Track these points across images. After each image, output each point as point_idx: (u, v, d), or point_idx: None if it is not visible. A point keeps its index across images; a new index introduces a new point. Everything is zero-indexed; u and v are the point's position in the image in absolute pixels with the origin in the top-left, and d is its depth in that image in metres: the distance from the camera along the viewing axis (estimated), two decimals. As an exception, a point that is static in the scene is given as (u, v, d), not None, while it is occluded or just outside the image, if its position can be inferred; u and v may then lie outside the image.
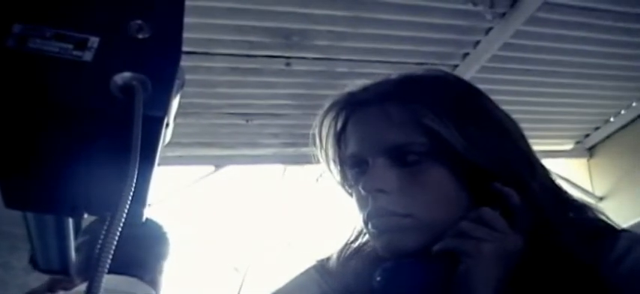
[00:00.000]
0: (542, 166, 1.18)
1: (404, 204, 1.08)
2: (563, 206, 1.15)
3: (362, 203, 1.14)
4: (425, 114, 1.10)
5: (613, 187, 4.73)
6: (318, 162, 1.30)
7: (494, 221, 1.04)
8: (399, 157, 1.11)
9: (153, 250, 2.02)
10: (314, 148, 1.30)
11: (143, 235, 1.99)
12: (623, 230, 1.13)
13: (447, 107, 1.12)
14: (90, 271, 0.59)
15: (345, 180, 1.25)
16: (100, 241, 0.60)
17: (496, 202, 1.06)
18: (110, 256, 0.60)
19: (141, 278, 1.94)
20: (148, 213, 0.72)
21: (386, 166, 1.11)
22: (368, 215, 1.12)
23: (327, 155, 1.28)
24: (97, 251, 0.60)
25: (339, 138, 1.25)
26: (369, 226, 1.12)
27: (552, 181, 1.18)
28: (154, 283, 2.02)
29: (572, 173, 6.60)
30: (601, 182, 4.84)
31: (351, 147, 1.18)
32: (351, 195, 1.23)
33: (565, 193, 1.19)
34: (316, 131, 1.30)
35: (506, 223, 1.05)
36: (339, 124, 1.25)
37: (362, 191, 1.12)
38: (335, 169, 1.27)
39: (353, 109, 1.23)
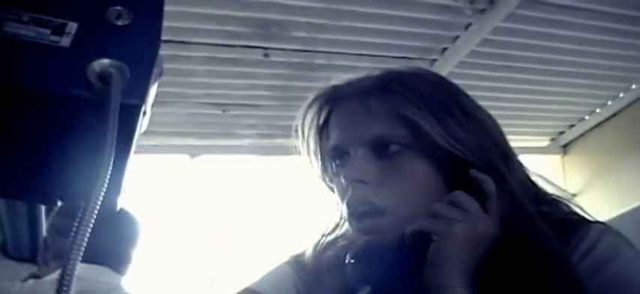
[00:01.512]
0: (519, 162, 1.22)
1: (383, 194, 1.11)
2: (537, 199, 1.18)
3: (342, 193, 1.16)
4: (405, 107, 1.13)
5: (586, 184, 4.76)
6: (294, 154, 1.31)
7: (467, 203, 1.07)
8: (379, 148, 1.14)
9: (123, 239, 2.01)
10: (295, 140, 1.30)
11: (114, 223, 1.97)
12: (596, 222, 1.16)
13: (427, 101, 1.15)
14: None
15: (325, 172, 1.27)
16: (72, 230, 0.59)
17: (472, 190, 1.09)
18: (83, 245, 0.59)
19: (110, 266, 1.93)
20: (122, 202, 0.71)
21: (366, 157, 1.14)
22: (347, 205, 1.14)
23: (308, 147, 1.29)
24: (70, 240, 0.59)
25: (322, 131, 1.26)
26: (349, 216, 1.14)
27: (527, 177, 1.22)
28: (123, 271, 2.01)
29: (546, 170, 6.63)
30: (574, 179, 4.86)
31: (333, 139, 1.20)
32: (331, 188, 1.25)
33: (539, 188, 1.23)
34: (299, 123, 1.30)
35: (480, 208, 1.07)
36: (322, 118, 1.27)
37: (343, 181, 1.15)
38: (316, 162, 1.28)
39: (336, 102, 1.24)
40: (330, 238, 1.28)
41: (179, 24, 3.22)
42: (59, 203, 0.73)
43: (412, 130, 1.13)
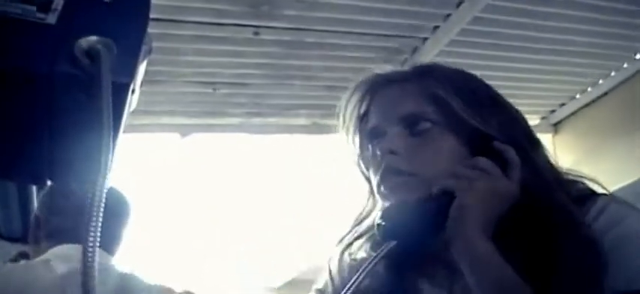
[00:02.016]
0: (541, 143, 1.33)
1: (411, 163, 1.23)
2: (556, 175, 1.29)
3: (377, 167, 1.27)
4: (437, 88, 1.27)
5: (576, 163, 4.75)
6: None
7: (487, 166, 1.18)
8: (411, 125, 1.26)
9: (113, 218, 2.00)
10: (337, 125, 1.42)
11: (104, 203, 1.97)
12: (603, 194, 1.26)
13: (456, 85, 1.29)
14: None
15: (361, 156, 1.38)
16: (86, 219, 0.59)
17: (496, 160, 1.20)
18: (98, 229, 0.59)
19: (100, 246, 1.93)
20: (111, 181, 0.71)
21: (399, 133, 1.26)
22: (380, 176, 1.25)
23: (347, 132, 1.40)
24: (84, 229, 0.59)
25: (363, 118, 1.37)
26: (381, 187, 1.26)
27: (547, 156, 1.32)
28: (113, 251, 2.01)
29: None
30: (565, 158, 4.85)
31: (372, 121, 1.33)
32: (365, 174, 1.36)
33: (558, 167, 1.33)
34: (341, 110, 1.41)
35: (501, 172, 1.18)
36: (364, 106, 1.37)
37: (378, 154, 1.26)
38: (353, 146, 1.39)
39: (376, 89, 1.35)
40: (350, 239, 1.35)
41: (168, 2, 3.20)
42: (49, 183, 0.72)
43: (442, 109, 1.25)
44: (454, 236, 1.12)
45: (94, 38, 0.61)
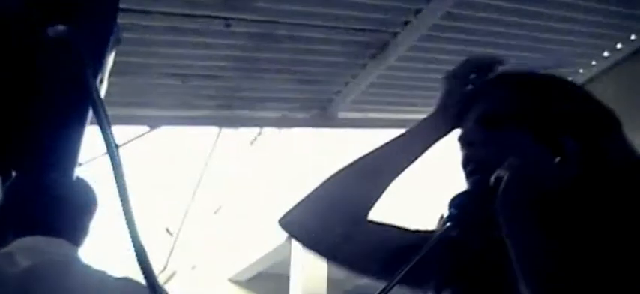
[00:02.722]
0: (614, 126, 1.40)
1: (485, 154, 1.36)
2: (630, 155, 1.37)
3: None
4: (510, 87, 1.43)
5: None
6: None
7: (537, 155, 1.29)
8: (491, 122, 1.39)
9: (80, 210, 1.98)
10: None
11: (70, 194, 1.94)
12: None
13: (525, 82, 1.45)
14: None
15: None
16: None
17: (560, 153, 1.30)
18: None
19: (67, 238, 1.90)
20: (78, 172, 0.69)
21: (477, 128, 1.40)
22: (461, 165, 1.41)
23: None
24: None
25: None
26: (463, 173, 1.40)
27: (622, 137, 1.40)
28: (79, 243, 1.99)
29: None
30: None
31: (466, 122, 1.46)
32: None
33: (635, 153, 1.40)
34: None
35: (554, 159, 1.27)
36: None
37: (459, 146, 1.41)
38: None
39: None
40: None
41: (139, -8, 3.17)
42: (14, 174, 0.71)
43: (513, 106, 1.39)
44: (502, 221, 1.20)
45: (61, 28, 0.59)
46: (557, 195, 1.21)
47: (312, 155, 8.54)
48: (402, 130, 1.60)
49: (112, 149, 0.60)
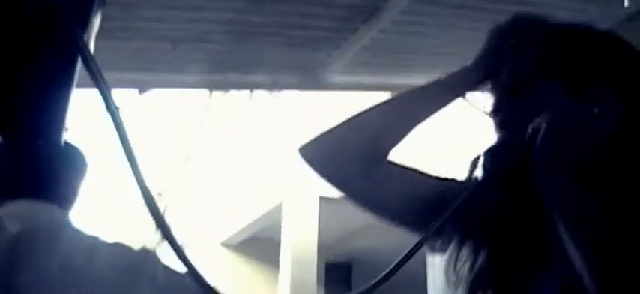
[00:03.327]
0: None
1: (520, 106, 1.33)
2: None
3: None
4: (543, 41, 1.39)
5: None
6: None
7: (573, 109, 1.24)
8: (527, 74, 1.36)
9: (69, 174, 1.97)
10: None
11: (59, 158, 1.92)
12: None
13: (560, 37, 1.39)
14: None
15: None
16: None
17: (593, 102, 1.25)
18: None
19: (56, 202, 1.89)
20: (66, 136, 0.68)
21: (515, 79, 1.37)
22: (493, 117, 1.39)
23: None
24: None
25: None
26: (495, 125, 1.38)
27: None
28: (69, 207, 1.97)
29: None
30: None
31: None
32: None
33: None
34: None
35: (590, 113, 1.23)
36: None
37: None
38: None
39: None
40: None
41: (127, -46, 3.13)
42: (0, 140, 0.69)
43: (547, 59, 1.35)
44: (539, 174, 1.17)
45: (46, -12, 0.58)
46: (596, 149, 1.18)
47: (303, 120, 8.53)
48: (407, 88, 1.58)
49: (111, 108, 0.59)
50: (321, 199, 8.55)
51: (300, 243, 8.67)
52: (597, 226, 1.09)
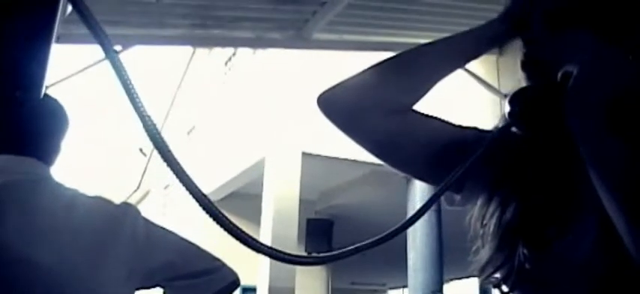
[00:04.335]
0: None
1: (550, 52, 1.27)
2: None
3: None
4: None
5: (519, 86, 4.78)
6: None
7: (608, 51, 1.19)
8: (557, 18, 1.28)
9: (50, 128, 1.95)
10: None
11: (40, 112, 1.91)
12: None
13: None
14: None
15: None
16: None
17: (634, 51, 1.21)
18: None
19: (37, 157, 1.88)
20: (48, 90, 0.67)
21: (543, 25, 1.31)
22: (521, 65, 1.31)
23: None
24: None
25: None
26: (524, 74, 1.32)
27: None
28: (51, 161, 1.96)
29: (479, 69, 6.67)
30: (508, 81, 4.90)
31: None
32: None
33: None
34: None
35: (624, 57, 1.18)
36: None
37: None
38: None
39: None
40: None
41: None
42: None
43: (578, 3, 1.29)
44: (571, 120, 1.13)
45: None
46: (630, 95, 1.15)
47: (285, 77, 8.50)
48: (432, 39, 1.53)
49: (109, 50, 0.58)
50: (304, 154, 8.55)
51: (282, 198, 8.68)
52: (629, 169, 1.07)
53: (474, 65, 4.99)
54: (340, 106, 1.40)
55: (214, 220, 0.77)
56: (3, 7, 0.58)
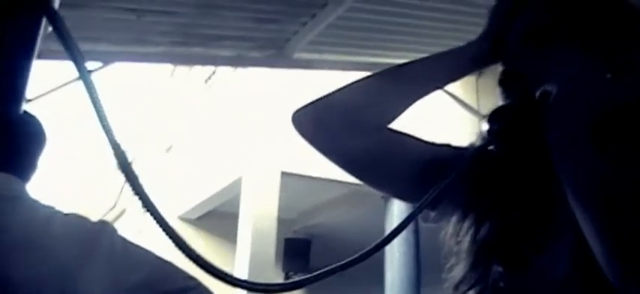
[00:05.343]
0: None
1: (530, 69, 1.27)
2: None
3: None
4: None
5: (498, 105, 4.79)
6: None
7: (587, 69, 1.18)
8: (537, 34, 1.28)
9: (27, 144, 1.94)
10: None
11: (17, 128, 1.89)
12: None
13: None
14: None
15: None
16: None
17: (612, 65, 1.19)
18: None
19: (13, 173, 1.86)
20: (27, 107, 0.67)
21: (524, 41, 1.29)
22: (500, 82, 1.32)
23: None
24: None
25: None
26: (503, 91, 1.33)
27: None
28: (27, 178, 1.95)
29: (458, 90, 6.69)
30: (487, 101, 4.90)
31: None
32: None
33: None
34: None
35: (608, 77, 1.17)
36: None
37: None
38: None
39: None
40: None
41: None
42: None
43: (564, 19, 1.26)
44: (550, 139, 1.12)
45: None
46: (609, 114, 1.13)
47: (265, 96, 8.50)
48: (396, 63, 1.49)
49: (83, 71, 0.58)
50: (283, 174, 8.53)
51: (260, 218, 8.63)
52: (605, 188, 1.06)
53: (452, 85, 4.98)
54: (315, 124, 1.39)
55: (180, 249, 0.77)
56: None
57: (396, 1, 3.86)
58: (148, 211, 0.70)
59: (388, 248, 7.87)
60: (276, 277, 9.55)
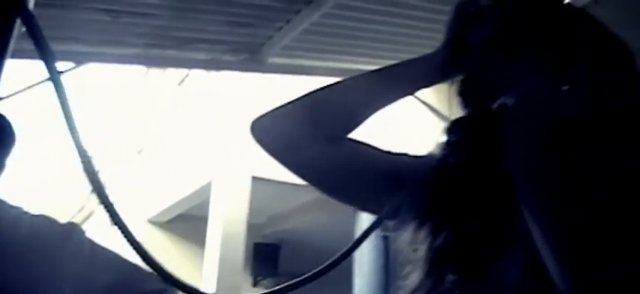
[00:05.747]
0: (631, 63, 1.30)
1: (487, 80, 1.28)
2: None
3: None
4: (520, 13, 1.30)
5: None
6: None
7: (545, 81, 1.19)
8: (495, 45, 1.27)
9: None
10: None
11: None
12: None
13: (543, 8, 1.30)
14: None
15: None
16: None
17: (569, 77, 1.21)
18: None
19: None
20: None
21: (481, 52, 1.29)
22: (459, 93, 1.33)
23: None
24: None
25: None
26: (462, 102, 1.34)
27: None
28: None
29: (430, 97, 6.69)
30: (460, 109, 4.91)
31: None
32: None
33: None
34: None
35: (562, 87, 1.18)
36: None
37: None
38: None
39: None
40: None
41: None
42: None
43: (521, 30, 1.26)
44: (506, 150, 1.13)
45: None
46: (565, 126, 1.14)
47: (238, 100, 8.48)
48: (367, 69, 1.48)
49: (53, 72, 0.57)
50: (254, 178, 8.50)
51: (229, 222, 8.59)
52: (557, 200, 1.07)
53: (425, 92, 4.99)
54: (274, 133, 1.39)
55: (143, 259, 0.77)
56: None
57: (371, 8, 3.87)
58: (113, 221, 0.69)
59: (357, 255, 7.88)
60: (245, 282, 9.52)
